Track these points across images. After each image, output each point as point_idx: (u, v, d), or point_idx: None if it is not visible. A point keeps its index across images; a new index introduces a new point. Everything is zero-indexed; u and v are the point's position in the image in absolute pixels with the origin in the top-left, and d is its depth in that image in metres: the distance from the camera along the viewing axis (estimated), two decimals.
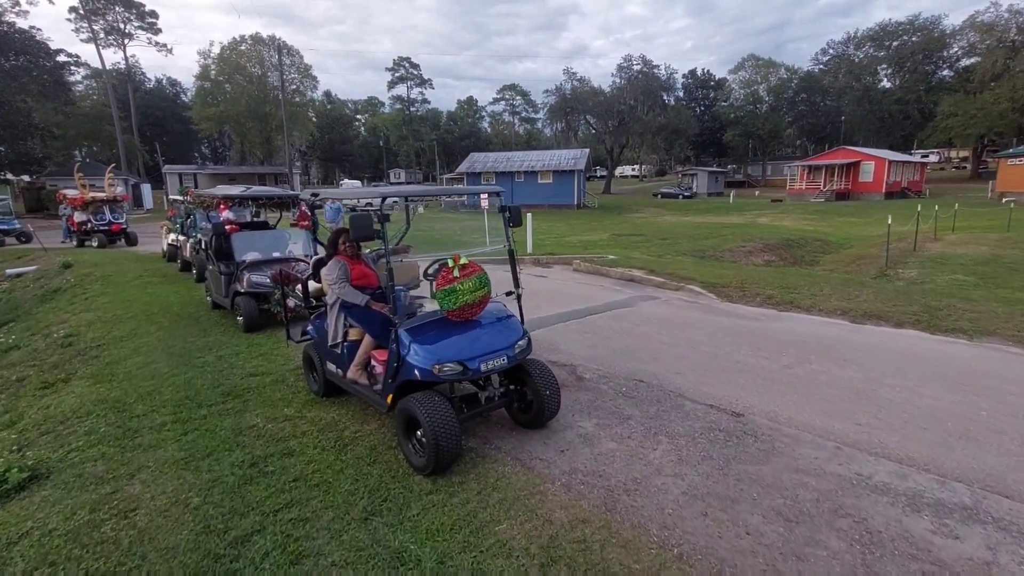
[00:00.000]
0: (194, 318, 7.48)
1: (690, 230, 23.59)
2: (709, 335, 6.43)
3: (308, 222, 7.47)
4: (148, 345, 6.16)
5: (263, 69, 52.74)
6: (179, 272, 11.84)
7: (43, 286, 11.76)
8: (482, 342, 3.60)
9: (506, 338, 3.72)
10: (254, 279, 6.73)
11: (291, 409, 4.44)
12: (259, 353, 5.91)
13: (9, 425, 4.39)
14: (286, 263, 7.16)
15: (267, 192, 7.20)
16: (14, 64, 30.18)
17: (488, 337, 3.67)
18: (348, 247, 4.31)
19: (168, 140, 66.51)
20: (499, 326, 3.83)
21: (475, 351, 3.50)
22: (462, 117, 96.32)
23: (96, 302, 8.65)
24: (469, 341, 3.57)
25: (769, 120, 65.98)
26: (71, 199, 18.66)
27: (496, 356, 3.55)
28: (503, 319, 3.94)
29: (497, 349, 3.59)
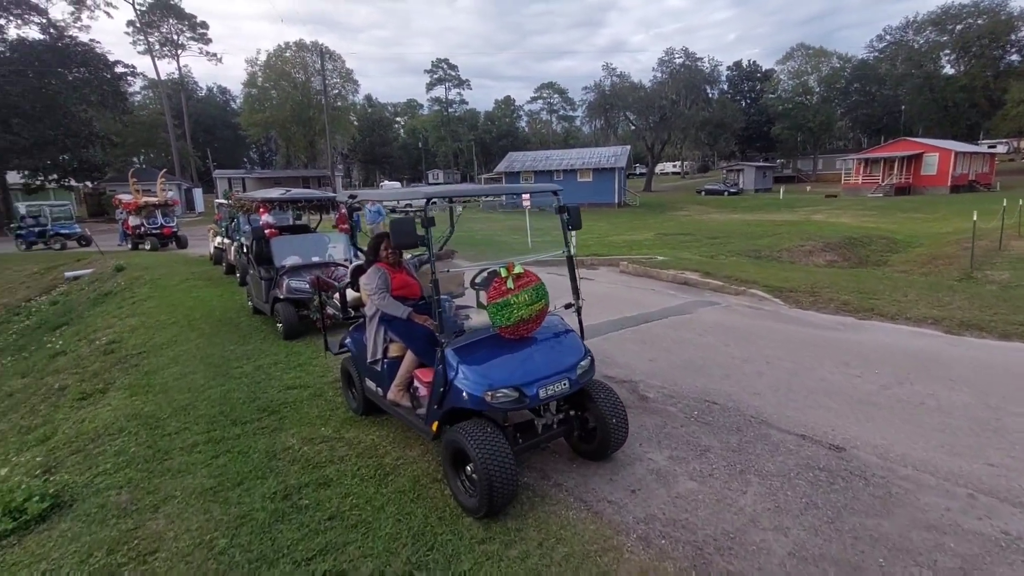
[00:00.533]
0: (235, 324, 7.33)
1: (741, 228, 22.42)
2: (784, 347, 5.75)
3: (347, 225, 7.20)
4: (187, 353, 5.99)
5: (307, 75, 54.04)
6: (224, 275, 11.91)
7: (96, 289, 12.06)
8: (540, 363, 3.12)
9: (566, 358, 3.24)
10: (293, 285, 6.49)
11: (328, 429, 4.09)
12: (298, 363, 5.63)
13: (43, 440, 4.23)
14: (325, 268, 6.90)
15: (305, 195, 6.97)
16: (76, 76, 31.76)
17: (546, 357, 3.19)
18: (390, 254, 3.92)
19: (218, 146, 69.19)
20: (558, 344, 3.35)
21: (532, 374, 3.03)
22: (499, 117, 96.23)
23: (142, 306, 8.67)
24: (525, 362, 3.10)
25: (820, 112, 62.74)
26: (126, 204, 19.34)
27: (556, 380, 3.07)
28: (561, 335, 3.45)
29: (557, 372, 3.11)
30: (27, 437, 4.47)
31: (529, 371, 3.04)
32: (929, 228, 22.13)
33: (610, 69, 66.64)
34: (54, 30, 31.22)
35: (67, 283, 14.48)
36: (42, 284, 15.49)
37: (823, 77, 66.44)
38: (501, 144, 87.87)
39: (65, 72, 30.76)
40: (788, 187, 54.35)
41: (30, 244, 21.75)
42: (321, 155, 62.17)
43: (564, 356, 3.25)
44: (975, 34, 54.25)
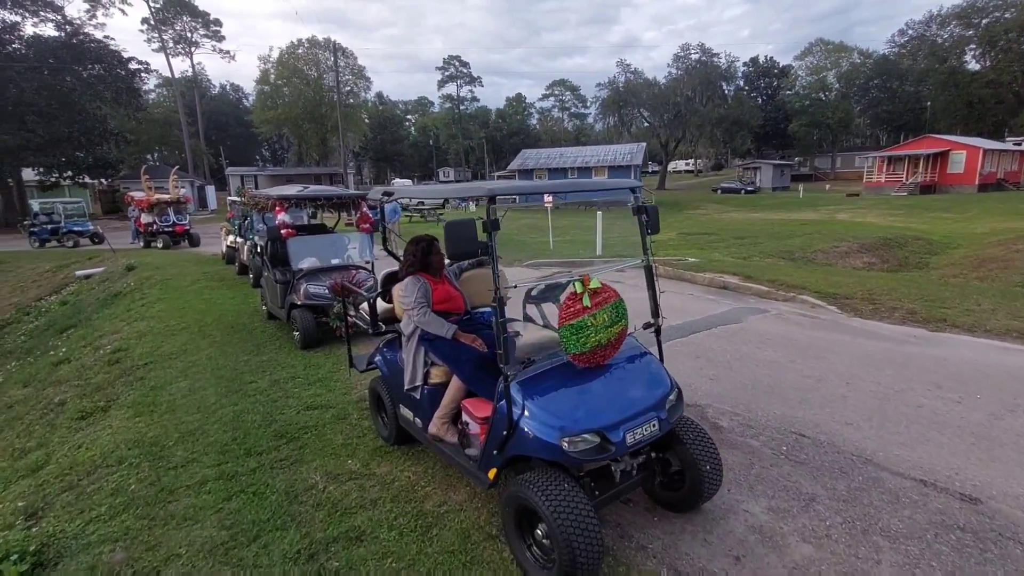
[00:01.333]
0: (248, 330, 6.82)
1: (765, 228, 21.62)
2: (860, 364, 5.11)
3: (369, 225, 6.66)
4: (197, 365, 5.49)
5: (319, 71, 53.79)
6: (236, 276, 11.45)
7: (106, 289, 11.67)
8: (622, 399, 2.55)
9: (652, 391, 2.66)
10: (311, 290, 5.96)
11: (356, 461, 3.54)
12: (317, 377, 5.10)
13: (34, 470, 3.73)
14: (346, 271, 6.37)
15: (327, 192, 6.44)
16: (91, 73, 31.64)
17: (628, 391, 2.62)
18: (436, 261, 3.37)
19: (231, 144, 69.28)
20: (638, 372, 2.77)
21: (615, 413, 2.45)
22: (511, 114, 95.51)
23: (152, 309, 8.21)
24: (605, 398, 2.52)
25: (839, 108, 61.32)
26: (138, 201, 19.02)
27: (644, 420, 2.49)
28: (638, 359, 2.87)
29: (644, 409, 2.53)
30: (18, 464, 3.98)
31: (611, 409, 2.46)
32: (963, 228, 21.18)
33: (624, 66, 65.82)
34: (69, 27, 31.12)
35: (78, 282, 14.14)
36: (53, 283, 15.18)
37: (842, 73, 65.02)
38: (512, 142, 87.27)
39: (80, 69, 30.63)
40: (807, 185, 53.18)
41: (43, 241, 21.55)
42: (333, 152, 62.01)
43: (649, 388, 2.66)
44: (1002, 28, 52.62)
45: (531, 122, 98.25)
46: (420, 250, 3.37)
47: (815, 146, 67.49)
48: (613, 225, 15.08)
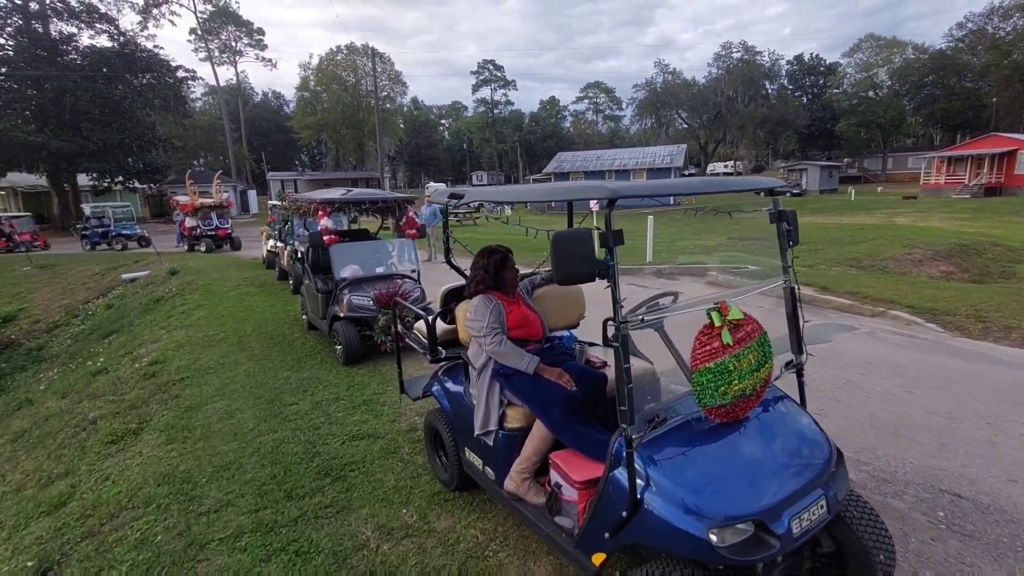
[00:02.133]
0: (288, 342, 6.44)
1: (822, 233, 20.28)
2: (996, 399, 4.29)
3: (415, 231, 6.18)
4: (235, 382, 5.09)
5: (357, 77, 54.56)
6: (276, 281, 11.24)
7: (149, 294, 11.65)
8: (777, 469, 1.92)
9: (810, 457, 2.02)
10: (355, 301, 5.51)
11: (412, 511, 3.01)
12: (362, 399, 4.61)
13: (57, 506, 3.35)
14: (390, 281, 5.90)
15: (372, 195, 6.00)
16: (142, 82, 32.76)
17: (780, 457, 1.99)
18: (511, 279, 2.82)
19: (272, 149, 71.11)
20: (786, 430, 2.14)
21: (774, 492, 1.82)
22: (544, 118, 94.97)
23: (191, 317, 7.97)
24: (756, 469, 1.90)
25: (892, 107, 58.26)
26: (182, 205, 19.30)
27: (810, 500, 1.85)
28: (781, 410, 2.24)
29: (807, 484, 1.89)
30: (42, 495, 3.62)
31: (768, 487, 1.83)
32: None
33: (662, 66, 64.48)
34: (122, 37, 32.28)
35: (123, 285, 14.29)
36: (101, 285, 15.43)
37: (895, 70, 61.92)
38: (546, 145, 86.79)
39: (131, 78, 31.72)
40: (857, 188, 50.70)
41: (94, 244, 22.19)
42: (370, 157, 62.80)
43: (806, 453, 2.02)
44: None
45: (564, 125, 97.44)
46: (492, 264, 2.82)
47: (864, 147, 64.44)
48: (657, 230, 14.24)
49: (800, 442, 2.07)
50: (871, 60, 63.80)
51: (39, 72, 28.10)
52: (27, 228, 23.52)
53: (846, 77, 66.38)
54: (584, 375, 2.60)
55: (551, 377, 2.51)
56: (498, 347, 2.56)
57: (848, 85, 65.11)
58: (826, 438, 2.15)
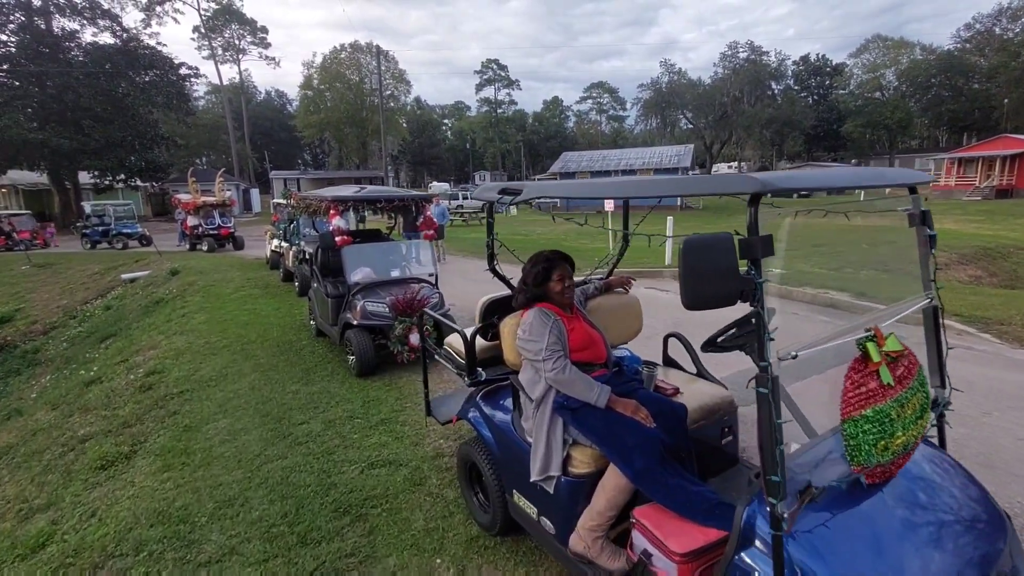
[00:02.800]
0: (295, 350, 5.99)
1: None
2: None
3: (433, 231, 5.74)
4: (238, 396, 4.65)
5: (360, 75, 54.18)
6: (281, 283, 10.80)
7: (149, 295, 11.22)
8: (947, 551, 1.47)
9: (984, 530, 1.57)
10: (370, 308, 5.06)
11: (447, 563, 2.56)
12: (379, 418, 4.16)
13: (34, 550, 2.90)
14: (406, 285, 5.46)
15: (389, 193, 5.55)
16: (144, 80, 32.39)
17: (949, 531, 1.54)
18: (565, 289, 2.37)
19: (275, 148, 70.76)
20: (945, 491, 1.69)
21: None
22: (548, 118, 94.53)
23: (192, 321, 7.53)
24: (926, 552, 1.44)
25: (899, 108, 57.77)
26: (184, 203, 18.89)
27: None
28: (934, 464, 1.79)
29: (986, 570, 1.44)
30: (19, 532, 3.18)
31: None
32: None
33: (668, 65, 64.03)
34: (124, 33, 31.90)
35: (123, 286, 13.87)
36: (100, 285, 15.02)
37: (903, 70, 61.54)
38: (549, 145, 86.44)
39: (134, 75, 31.34)
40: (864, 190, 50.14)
41: (95, 243, 21.79)
42: (373, 156, 62.44)
43: (978, 525, 1.57)
44: None
45: (568, 125, 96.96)
46: (549, 272, 2.37)
47: (870, 148, 63.98)
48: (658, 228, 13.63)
49: (970, 509, 1.62)
50: (878, 61, 63.44)
51: (41, 68, 27.73)
52: (27, 226, 23.15)
53: (853, 78, 66.01)
54: (660, 407, 2.15)
55: (625, 411, 2.06)
56: (561, 374, 2.11)
57: (855, 86, 64.74)
58: (993, 502, 1.70)
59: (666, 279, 10.80)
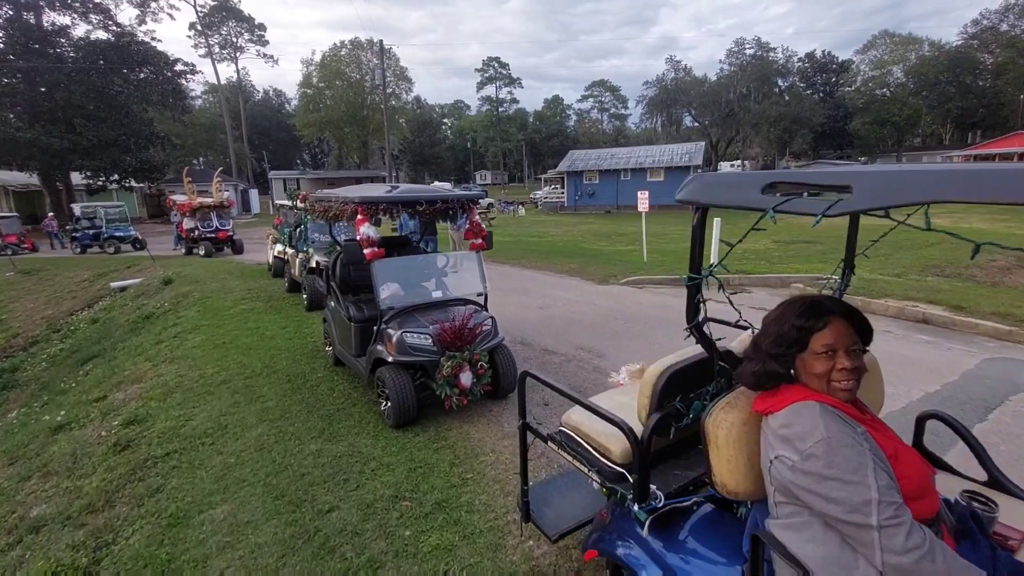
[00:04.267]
0: (310, 386, 4.88)
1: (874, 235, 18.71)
2: None
3: (483, 239, 4.64)
4: (241, 462, 3.54)
5: (361, 73, 53.00)
6: (286, 293, 9.69)
7: (139, 307, 10.11)
8: None
9: None
10: (410, 341, 3.95)
11: None
12: (435, 499, 3.06)
13: None
14: (450, 308, 4.36)
15: (429, 193, 4.42)
16: (139, 77, 31.19)
17: None
18: (843, 369, 1.29)
19: (273, 148, 69.62)
20: None
21: None
22: (549, 116, 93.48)
23: (185, 344, 6.41)
24: None
25: (908, 105, 56.90)
26: (180, 205, 17.77)
27: None
28: None
29: None
30: None
31: None
32: None
33: (674, 62, 62.97)
34: (117, 28, 30.69)
35: (112, 295, 12.75)
36: (89, 294, 13.90)
37: (911, 67, 60.77)
38: (551, 144, 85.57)
39: (127, 72, 30.15)
40: None
41: (85, 247, 20.64)
42: (373, 156, 61.29)
43: None
44: None
45: (569, 124, 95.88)
46: (789, 333, 1.30)
47: (877, 146, 63.11)
48: (667, 230, 12.32)
49: None
50: (886, 57, 62.66)
51: (30, 65, 26.52)
52: (13, 229, 21.99)
53: (860, 74, 65.16)
54: None
55: None
56: (930, 561, 1.01)
57: (862, 83, 63.92)
58: None
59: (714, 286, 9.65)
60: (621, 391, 2.41)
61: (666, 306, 8.18)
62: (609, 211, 36.56)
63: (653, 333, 6.53)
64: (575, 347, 5.99)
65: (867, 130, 60.22)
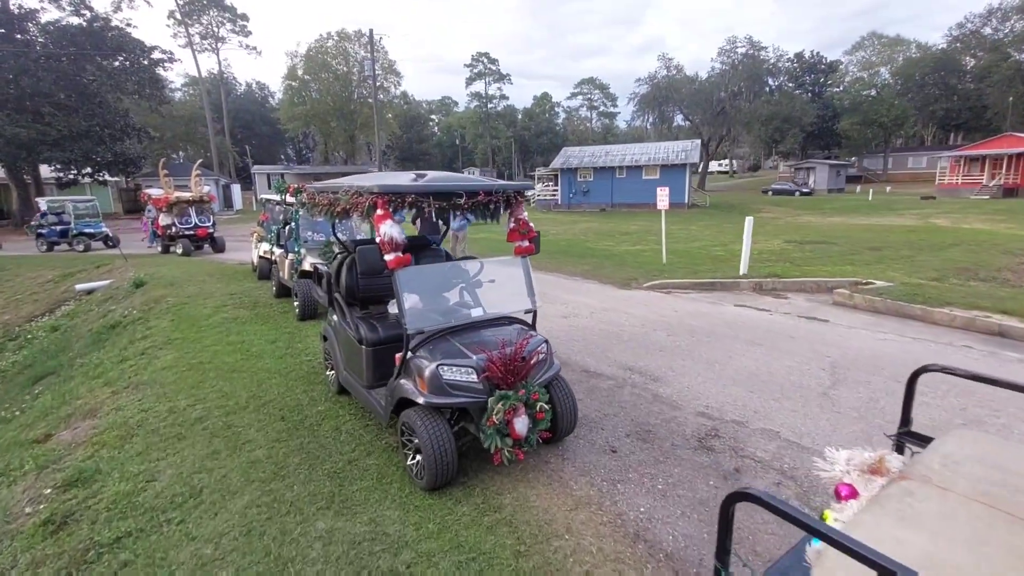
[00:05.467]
0: (310, 428, 3.88)
1: (884, 236, 18.11)
2: None
3: (531, 241, 3.69)
4: (222, 555, 2.54)
5: (348, 65, 51.46)
6: (274, 299, 8.62)
7: (105, 314, 8.95)
8: None
9: None
10: (448, 377, 2.98)
11: None
12: None
13: None
14: (494, 329, 3.40)
15: (469, 183, 3.42)
16: (113, 65, 29.48)
17: None
18: None
19: (256, 142, 67.64)
20: None
21: None
22: (538, 114, 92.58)
23: (154, 364, 5.36)
24: None
25: (896, 106, 57.28)
26: (155, 199, 16.45)
27: None
28: None
29: None
30: None
31: None
32: None
33: (667, 60, 62.54)
34: (89, 12, 28.95)
35: (77, 299, 11.52)
36: (53, 296, 12.61)
37: (897, 68, 61.26)
38: (540, 142, 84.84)
39: (100, 59, 28.45)
40: (862, 187, 49.48)
41: (52, 244, 19.18)
42: (360, 151, 59.73)
43: None
44: None
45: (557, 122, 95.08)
46: None
47: (864, 146, 63.44)
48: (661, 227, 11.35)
49: None
50: (874, 58, 63.11)
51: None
52: None
53: (848, 75, 65.50)
54: None
55: None
56: None
57: (850, 83, 64.28)
58: None
59: (743, 292, 8.75)
60: (874, 511, 1.38)
61: (704, 314, 7.31)
62: (604, 209, 35.78)
63: (705, 349, 5.65)
64: (621, 367, 5.08)
65: (855, 130, 60.58)
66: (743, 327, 6.61)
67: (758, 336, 6.18)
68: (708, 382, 4.70)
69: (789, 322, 6.88)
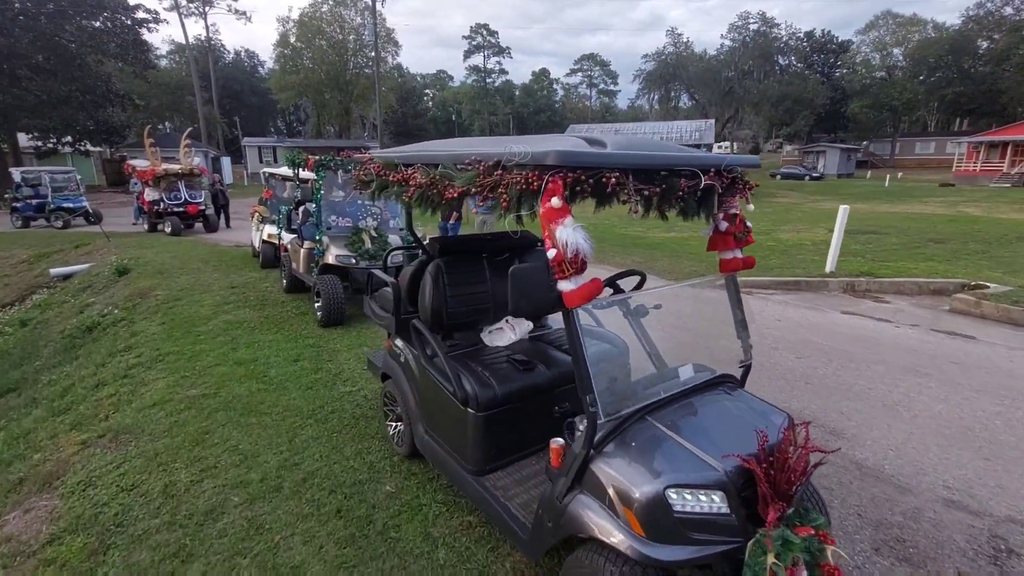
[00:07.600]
0: (386, 534, 2.55)
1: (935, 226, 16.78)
2: None
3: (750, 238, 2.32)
4: None
5: (344, 33, 48.80)
6: (285, 294, 7.18)
7: (82, 308, 7.48)
8: None
9: None
10: (683, 505, 1.65)
11: None
12: None
13: None
14: (700, 400, 2.05)
15: (672, 157, 2.03)
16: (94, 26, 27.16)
17: None
18: None
19: (246, 114, 64.83)
20: None
21: None
22: (536, 90, 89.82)
23: (141, 396, 3.97)
24: None
25: (908, 89, 55.47)
26: (140, 172, 14.77)
27: None
28: None
29: None
30: None
31: None
32: None
33: (675, 35, 60.36)
34: None
35: (51, 285, 10.01)
36: (25, 281, 11.06)
37: (911, 50, 59.27)
38: (538, 119, 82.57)
39: (80, 17, 26.10)
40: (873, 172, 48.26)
41: (27, 220, 17.41)
42: (355, 124, 57.37)
43: None
44: None
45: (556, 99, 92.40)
46: None
47: (874, 130, 61.76)
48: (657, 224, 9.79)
49: None
50: (887, 39, 61.10)
51: None
52: None
53: (859, 56, 63.51)
54: None
55: None
56: None
57: (861, 64, 62.35)
58: None
59: (833, 294, 7.38)
60: None
61: (817, 325, 6.00)
62: None
63: (862, 381, 4.32)
64: None
65: (864, 114, 58.82)
66: (879, 346, 5.31)
67: (912, 361, 4.89)
68: (912, 439, 3.41)
69: (929, 339, 5.59)
